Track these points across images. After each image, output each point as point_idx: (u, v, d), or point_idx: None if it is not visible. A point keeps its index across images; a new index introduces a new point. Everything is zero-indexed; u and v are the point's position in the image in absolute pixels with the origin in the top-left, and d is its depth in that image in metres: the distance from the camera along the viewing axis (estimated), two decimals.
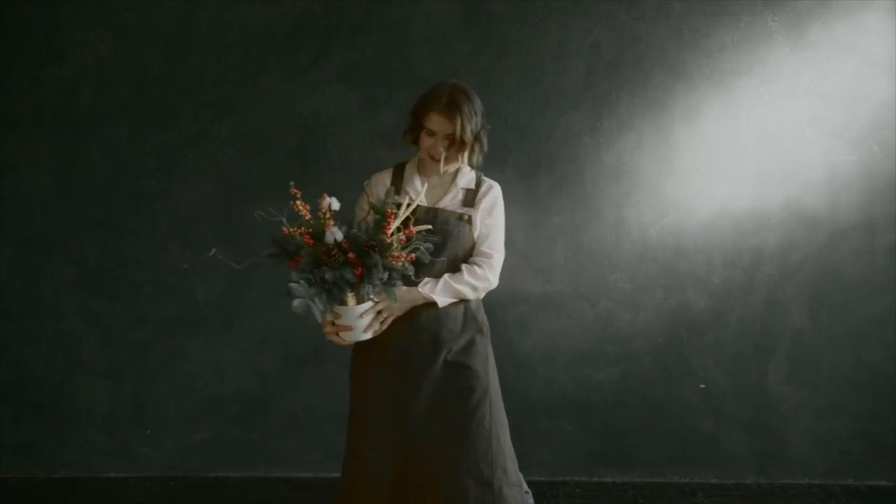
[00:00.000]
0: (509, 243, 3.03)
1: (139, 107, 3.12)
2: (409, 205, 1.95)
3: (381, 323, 1.99)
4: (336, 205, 1.86)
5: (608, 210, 3.06)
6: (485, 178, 2.18)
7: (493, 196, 2.15)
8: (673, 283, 3.07)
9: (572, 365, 3.12)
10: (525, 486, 2.25)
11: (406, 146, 2.17)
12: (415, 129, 2.09)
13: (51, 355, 3.22)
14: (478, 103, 2.05)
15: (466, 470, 2.00)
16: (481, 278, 2.10)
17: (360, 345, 2.08)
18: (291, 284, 1.81)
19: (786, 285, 3.05)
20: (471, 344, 2.10)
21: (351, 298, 1.89)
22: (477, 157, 2.11)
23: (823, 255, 3.04)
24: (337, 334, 1.96)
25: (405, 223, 1.92)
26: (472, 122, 2.01)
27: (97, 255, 3.18)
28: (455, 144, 2.02)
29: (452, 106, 1.99)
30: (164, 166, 3.15)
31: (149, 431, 3.23)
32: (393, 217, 1.87)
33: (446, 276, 2.06)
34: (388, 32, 3.06)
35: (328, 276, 1.81)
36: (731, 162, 3.02)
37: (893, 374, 3.06)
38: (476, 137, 2.05)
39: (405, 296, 1.99)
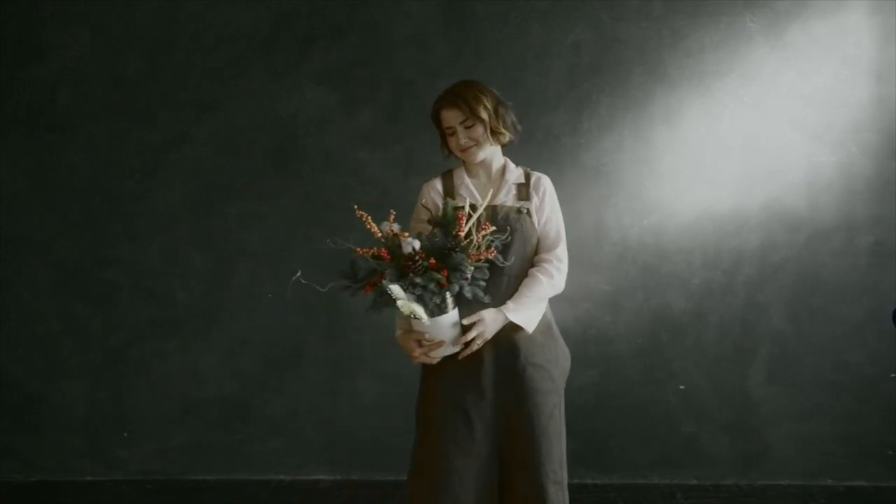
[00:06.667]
0: None
1: (119, 107, 3.11)
2: (473, 205, 1.93)
3: (470, 346, 1.94)
4: (397, 227, 1.90)
5: (588, 211, 3.05)
6: (533, 172, 2.13)
7: (544, 185, 2.10)
8: (653, 285, 3.07)
9: None
10: None
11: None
12: (443, 139, 2.10)
13: (28, 358, 3.19)
14: (484, 87, 2.06)
15: (545, 472, 2.00)
16: (556, 286, 2.05)
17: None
18: (390, 286, 1.77)
19: (766, 286, 3.05)
20: (543, 344, 2.07)
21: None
22: (508, 135, 2.07)
23: (804, 257, 3.04)
24: (426, 353, 1.93)
25: (477, 224, 1.91)
26: (480, 102, 2.00)
27: (76, 257, 3.16)
28: (474, 127, 2.01)
29: (452, 95, 2.03)
30: (144, 167, 3.13)
31: (127, 434, 3.20)
32: (464, 218, 1.87)
33: (526, 292, 2.00)
34: (370, 33, 3.05)
35: (418, 280, 1.80)
36: (711, 163, 3.02)
37: (874, 375, 3.06)
38: (494, 114, 2.02)
39: (494, 322, 1.95)
